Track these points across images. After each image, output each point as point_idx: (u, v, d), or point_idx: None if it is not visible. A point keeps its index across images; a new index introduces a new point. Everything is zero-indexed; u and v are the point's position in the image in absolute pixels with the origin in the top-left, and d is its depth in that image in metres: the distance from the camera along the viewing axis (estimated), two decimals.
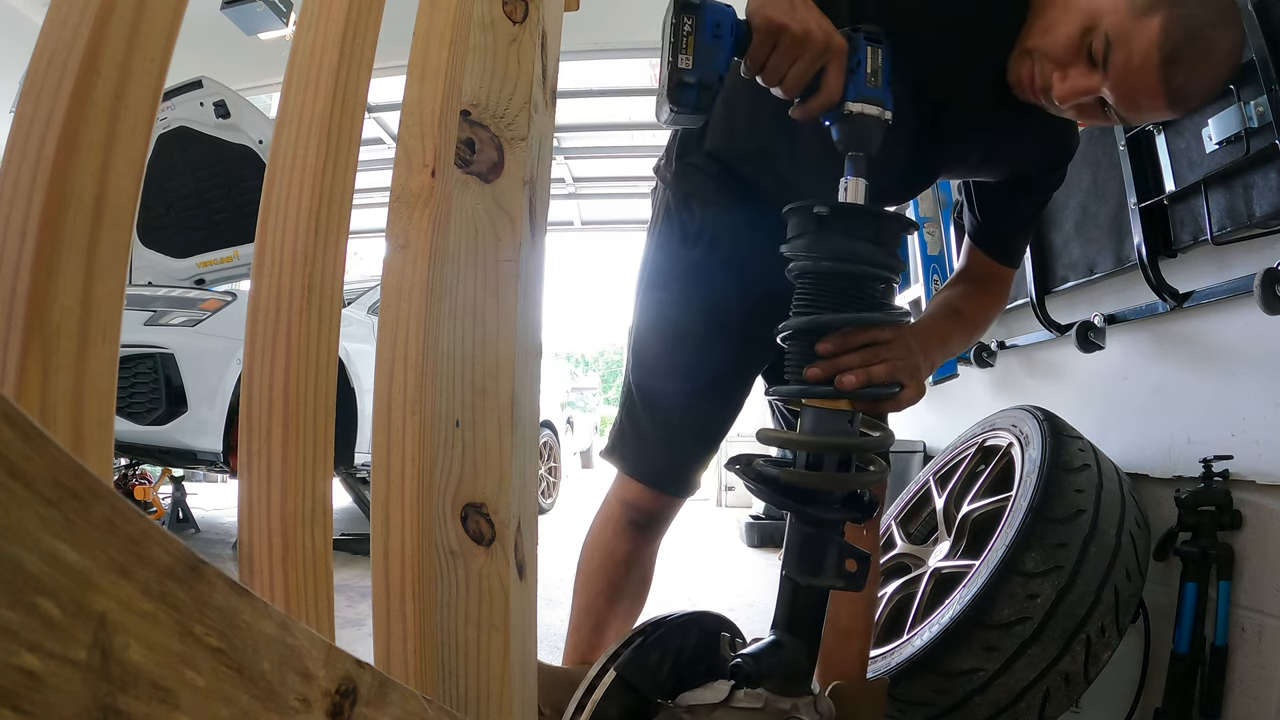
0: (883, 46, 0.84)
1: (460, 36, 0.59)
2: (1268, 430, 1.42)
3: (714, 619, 0.97)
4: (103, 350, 0.34)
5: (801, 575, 0.85)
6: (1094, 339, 1.89)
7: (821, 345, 0.83)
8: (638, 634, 0.90)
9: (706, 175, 1.11)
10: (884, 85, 0.84)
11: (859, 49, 0.84)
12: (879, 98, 0.84)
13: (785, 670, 0.85)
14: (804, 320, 0.85)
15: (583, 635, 1.19)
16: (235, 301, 2.98)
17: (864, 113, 0.83)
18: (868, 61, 0.83)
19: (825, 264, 0.84)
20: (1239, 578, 1.45)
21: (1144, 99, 0.84)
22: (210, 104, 3.38)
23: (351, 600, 2.40)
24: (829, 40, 0.81)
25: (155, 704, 0.24)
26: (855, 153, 0.85)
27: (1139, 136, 1.70)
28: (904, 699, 1.46)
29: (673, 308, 1.13)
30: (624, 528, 1.18)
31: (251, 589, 0.31)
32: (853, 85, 0.83)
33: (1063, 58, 0.87)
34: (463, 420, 0.57)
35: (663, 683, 0.90)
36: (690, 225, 1.12)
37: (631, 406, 1.16)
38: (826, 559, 0.84)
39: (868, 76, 0.83)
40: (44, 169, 0.33)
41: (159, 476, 4.10)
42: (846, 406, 0.85)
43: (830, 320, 0.84)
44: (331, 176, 0.48)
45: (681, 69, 0.79)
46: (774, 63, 0.82)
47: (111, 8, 0.35)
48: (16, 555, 0.19)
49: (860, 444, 0.86)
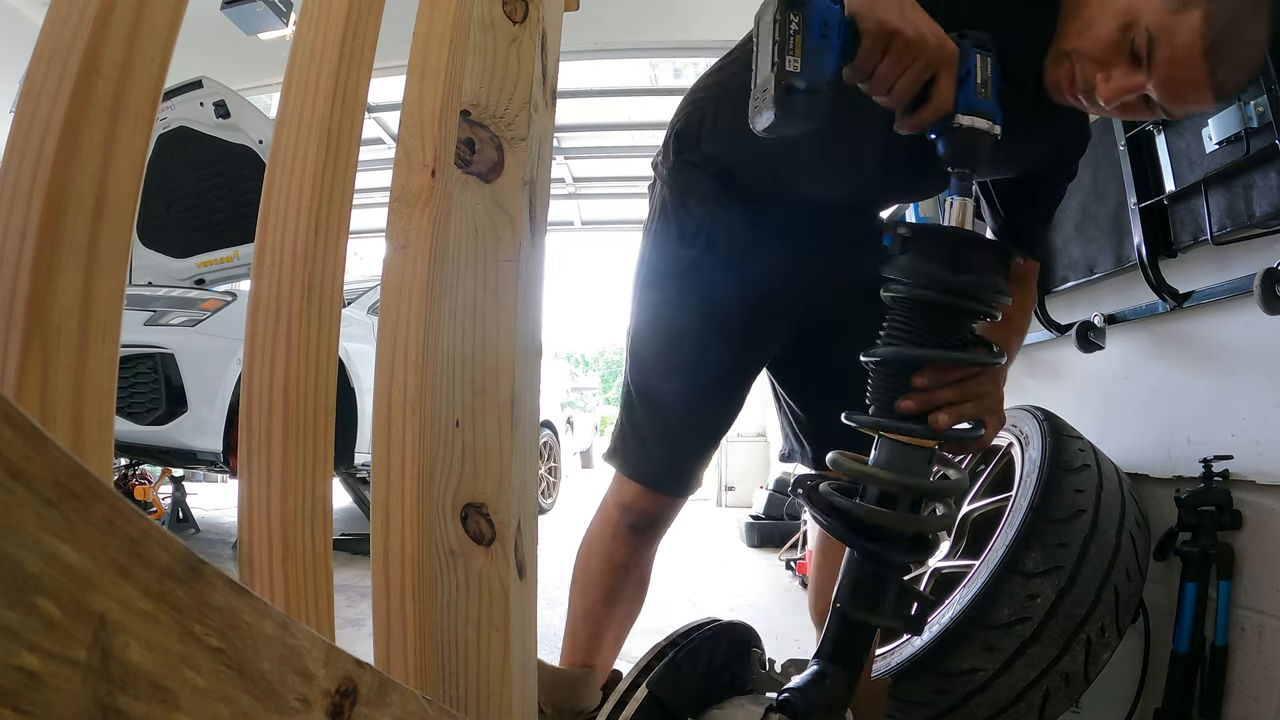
0: (991, 55, 0.78)
1: (460, 36, 0.59)
2: (1268, 430, 1.42)
3: (741, 629, 0.96)
4: (103, 350, 0.34)
5: (855, 610, 0.81)
6: (1094, 339, 1.89)
7: (919, 379, 0.80)
8: (669, 647, 0.89)
9: (704, 173, 1.09)
10: (994, 96, 0.78)
11: (969, 57, 0.77)
12: (989, 110, 0.78)
13: (829, 704, 0.82)
14: (899, 351, 0.81)
15: (580, 639, 1.18)
16: (235, 301, 2.98)
17: (974, 126, 0.77)
18: (978, 71, 0.77)
19: (932, 294, 0.80)
20: (1239, 578, 1.45)
21: (1190, 92, 0.82)
22: (210, 104, 3.38)
23: (351, 600, 2.40)
24: (942, 47, 0.75)
25: (155, 704, 0.24)
26: (961, 169, 0.79)
27: (1139, 137, 1.70)
28: (904, 699, 1.46)
29: (670, 307, 1.12)
30: (623, 532, 1.17)
31: (251, 589, 0.31)
32: (963, 96, 0.77)
33: (1104, 57, 0.86)
34: (463, 420, 0.57)
35: (691, 697, 0.88)
36: (688, 224, 1.10)
37: (631, 408, 1.16)
38: (885, 597, 0.80)
39: (978, 87, 0.77)
40: (44, 169, 0.33)
41: (159, 476, 4.11)
42: (932, 445, 0.80)
43: (934, 356, 0.80)
44: (331, 176, 0.48)
45: (790, 72, 0.70)
46: (884, 69, 0.75)
47: (111, 8, 0.35)
48: (16, 555, 0.19)
49: (942, 487, 0.82)
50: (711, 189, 1.09)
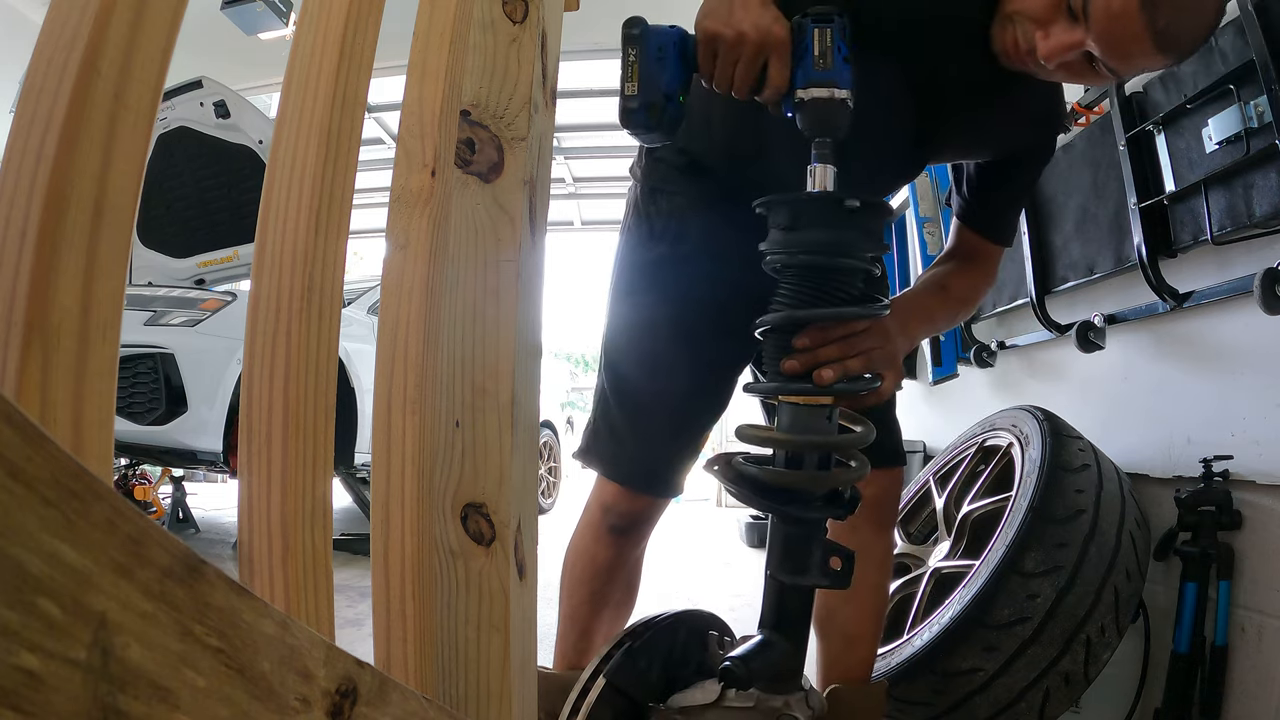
0: (833, 25, 0.82)
1: (460, 36, 0.59)
2: (1268, 430, 1.42)
3: (700, 617, 0.97)
4: (103, 350, 0.34)
5: (786, 575, 0.85)
6: (1094, 339, 1.89)
7: (799, 340, 0.83)
8: (625, 638, 0.90)
9: (674, 168, 1.11)
10: (837, 65, 0.82)
11: (805, 34, 0.82)
12: (830, 78, 0.82)
13: (775, 669, 0.85)
14: (779, 316, 0.84)
15: (570, 643, 1.17)
16: (235, 301, 2.98)
17: (816, 97, 0.82)
18: (815, 44, 0.82)
19: (801, 257, 0.84)
20: (1239, 578, 1.45)
21: (1131, 45, 0.82)
22: (210, 104, 3.38)
23: (351, 600, 2.40)
24: (764, 36, 0.81)
25: (155, 704, 0.24)
26: (820, 138, 0.83)
27: (1139, 137, 1.70)
28: (904, 699, 1.46)
29: (643, 304, 1.12)
30: (604, 533, 1.15)
31: (251, 589, 0.31)
32: (800, 72, 0.82)
33: (1043, 16, 0.86)
34: (463, 420, 0.57)
35: (653, 685, 0.89)
36: (656, 220, 1.11)
37: (606, 409, 1.14)
38: (811, 558, 0.84)
39: (816, 60, 0.82)
40: (44, 169, 0.33)
41: (159, 476, 4.11)
42: (827, 402, 0.84)
43: (805, 316, 0.83)
44: (331, 176, 0.48)
45: (627, 95, 0.84)
46: (718, 70, 0.84)
47: (111, 8, 0.35)
48: (16, 555, 0.19)
49: (839, 441, 0.85)
50: (682, 183, 1.10)
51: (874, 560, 1.14)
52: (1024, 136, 1.07)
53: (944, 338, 2.92)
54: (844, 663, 1.16)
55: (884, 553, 1.17)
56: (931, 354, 2.95)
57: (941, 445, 2.44)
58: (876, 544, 1.15)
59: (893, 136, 1.02)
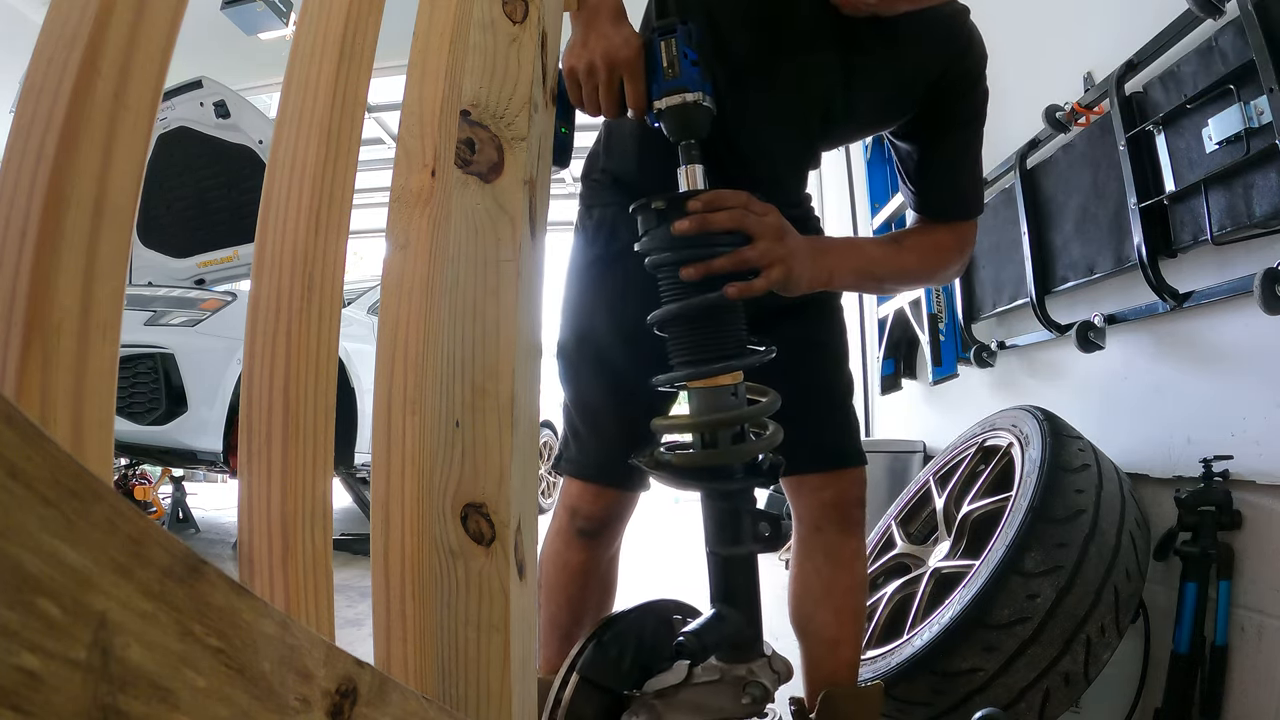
0: (676, 34, 0.88)
1: (460, 36, 0.59)
2: (1268, 430, 1.42)
3: (668, 605, 0.99)
4: (103, 350, 0.34)
5: (723, 547, 0.90)
6: (1094, 339, 1.89)
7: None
8: (595, 633, 0.92)
9: (604, 186, 1.18)
10: (684, 70, 0.88)
11: (654, 48, 0.89)
12: (680, 85, 0.88)
13: (731, 640, 0.89)
14: (656, 314, 0.90)
15: (553, 648, 1.17)
16: (235, 301, 2.98)
17: (670, 105, 0.88)
18: (663, 56, 0.88)
19: (666, 254, 0.89)
20: (1239, 578, 1.45)
21: None
22: (210, 104, 3.38)
23: (351, 600, 2.40)
24: (611, 60, 0.88)
25: (155, 704, 0.24)
26: (685, 140, 0.90)
27: (1139, 137, 1.70)
28: (904, 699, 1.46)
29: (584, 305, 1.16)
30: (573, 538, 1.16)
31: (251, 589, 0.31)
32: (654, 85, 0.89)
33: None
34: (463, 420, 0.57)
35: (628, 675, 0.91)
36: (589, 226, 1.18)
37: (567, 412, 1.19)
38: (741, 528, 0.89)
39: (665, 70, 0.88)
40: (44, 169, 0.33)
41: (159, 476, 4.11)
42: (728, 381, 0.88)
43: (662, 315, 0.89)
44: (331, 176, 0.48)
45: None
46: (586, 99, 0.91)
47: (111, 8, 0.35)
48: (16, 555, 0.19)
49: (746, 414, 0.89)
50: (610, 196, 1.16)
51: (842, 562, 1.14)
52: (932, 66, 1.04)
53: (944, 337, 2.92)
54: (828, 666, 1.14)
55: (852, 554, 1.15)
56: (931, 354, 2.95)
57: (941, 445, 2.44)
58: (844, 546, 1.14)
59: (789, 106, 1.04)
